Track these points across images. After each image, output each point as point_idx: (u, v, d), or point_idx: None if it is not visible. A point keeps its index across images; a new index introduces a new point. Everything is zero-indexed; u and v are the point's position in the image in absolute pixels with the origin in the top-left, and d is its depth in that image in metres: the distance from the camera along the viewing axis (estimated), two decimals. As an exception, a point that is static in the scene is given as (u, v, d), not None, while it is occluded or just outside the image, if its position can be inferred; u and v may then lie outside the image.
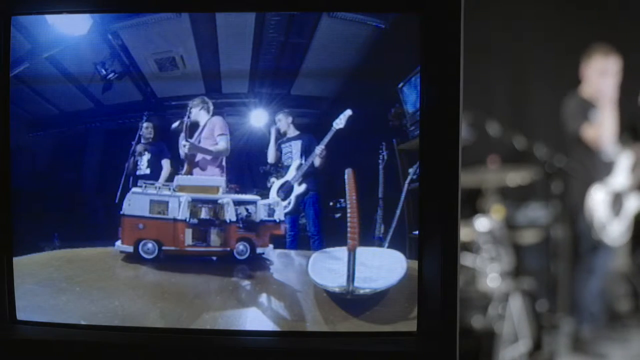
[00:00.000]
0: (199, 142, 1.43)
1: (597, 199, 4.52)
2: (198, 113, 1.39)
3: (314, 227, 1.39)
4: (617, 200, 4.54)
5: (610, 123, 4.60)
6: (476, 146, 4.47)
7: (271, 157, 1.39)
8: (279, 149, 1.39)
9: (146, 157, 1.42)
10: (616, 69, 4.59)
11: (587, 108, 4.58)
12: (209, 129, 1.42)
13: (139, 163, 1.41)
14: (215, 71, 1.34)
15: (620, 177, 4.56)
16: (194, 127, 1.42)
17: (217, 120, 1.40)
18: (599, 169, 4.58)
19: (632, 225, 4.97)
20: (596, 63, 4.57)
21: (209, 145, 1.42)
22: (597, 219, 4.51)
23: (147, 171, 1.42)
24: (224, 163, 1.41)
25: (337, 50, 1.31)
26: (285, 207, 1.40)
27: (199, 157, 1.43)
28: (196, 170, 1.43)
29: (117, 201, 1.37)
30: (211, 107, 1.38)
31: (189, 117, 1.39)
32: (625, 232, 4.64)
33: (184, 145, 1.41)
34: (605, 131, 4.59)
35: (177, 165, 1.43)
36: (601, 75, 4.56)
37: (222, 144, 1.40)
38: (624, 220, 4.57)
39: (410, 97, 1.29)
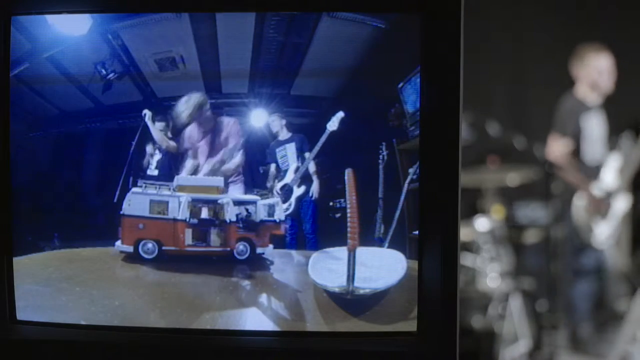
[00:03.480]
0: None
1: (582, 202, 4.51)
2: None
3: (310, 226, 1.39)
4: (605, 202, 4.54)
5: (600, 124, 4.60)
6: (476, 146, 4.48)
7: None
8: (272, 153, 1.39)
9: (156, 157, 1.41)
10: (611, 66, 4.58)
11: (581, 109, 4.58)
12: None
13: (150, 163, 1.41)
14: (215, 71, 1.34)
15: (608, 179, 4.56)
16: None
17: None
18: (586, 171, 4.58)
19: (632, 226, 4.97)
20: (592, 61, 4.56)
21: None
22: (583, 221, 4.51)
23: (155, 172, 1.42)
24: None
25: (337, 50, 1.31)
26: (287, 209, 1.40)
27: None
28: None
29: (115, 200, 1.37)
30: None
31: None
32: (613, 234, 4.63)
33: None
34: (595, 134, 4.60)
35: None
36: (598, 73, 4.55)
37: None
38: (612, 222, 4.57)
39: (410, 97, 1.29)
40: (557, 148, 4.53)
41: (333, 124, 1.32)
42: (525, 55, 5.65)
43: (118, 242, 1.39)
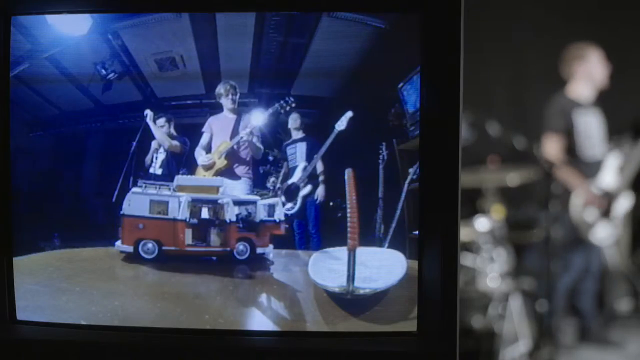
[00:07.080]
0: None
1: (581, 198, 4.52)
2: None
3: (314, 226, 1.39)
4: (604, 199, 4.54)
5: (596, 121, 4.61)
6: (476, 146, 4.47)
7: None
8: (283, 151, 1.39)
9: (162, 157, 1.41)
10: (604, 62, 4.60)
11: (573, 106, 4.59)
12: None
13: (153, 161, 1.41)
14: (215, 71, 1.34)
15: (608, 177, 4.56)
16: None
17: None
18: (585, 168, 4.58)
19: (631, 225, 4.97)
20: (586, 58, 4.58)
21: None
22: (583, 218, 4.51)
23: (159, 171, 1.42)
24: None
25: (337, 50, 1.31)
26: (292, 207, 1.40)
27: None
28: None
29: (114, 200, 1.37)
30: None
31: None
32: (614, 232, 4.63)
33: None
34: (592, 131, 4.60)
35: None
36: (592, 69, 4.58)
37: None
38: (614, 221, 4.57)
39: (410, 97, 1.29)
40: (550, 146, 4.56)
41: (342, 124, 1.32)
42: (525, 55, 5.65)
43: (118, 242, 1.39)
